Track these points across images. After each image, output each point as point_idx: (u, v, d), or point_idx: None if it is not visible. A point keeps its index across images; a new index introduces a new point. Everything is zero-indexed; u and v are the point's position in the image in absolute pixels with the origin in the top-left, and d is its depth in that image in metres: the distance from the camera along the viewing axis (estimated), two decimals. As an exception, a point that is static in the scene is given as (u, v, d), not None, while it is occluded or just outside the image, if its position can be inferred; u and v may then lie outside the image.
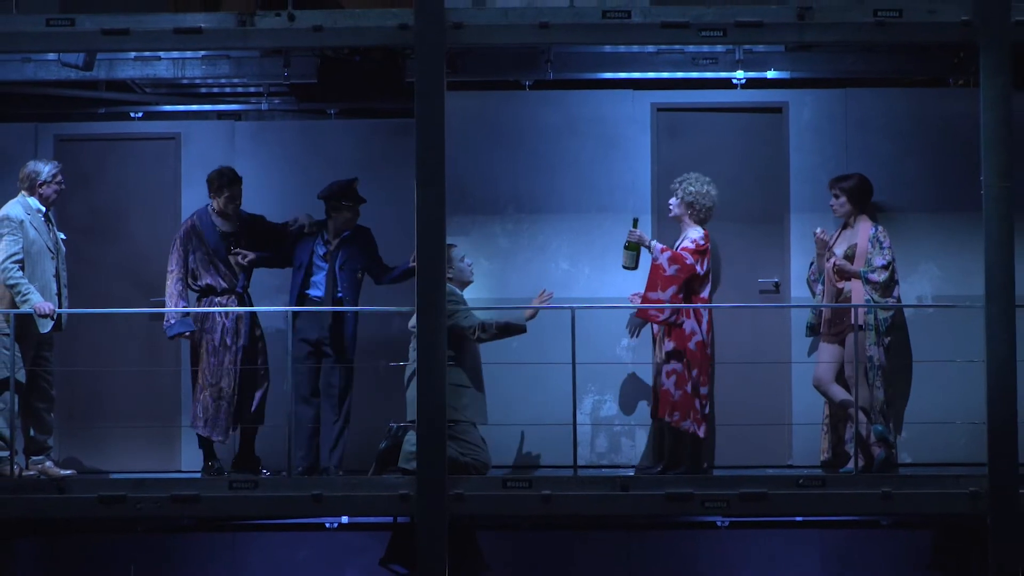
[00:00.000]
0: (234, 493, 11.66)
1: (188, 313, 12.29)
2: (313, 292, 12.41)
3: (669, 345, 12.11)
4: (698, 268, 12.09)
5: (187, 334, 12.35)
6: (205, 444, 12.43)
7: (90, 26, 11.79)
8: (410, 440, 11.90)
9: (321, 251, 12.43)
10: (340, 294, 12.36)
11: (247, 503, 11.69)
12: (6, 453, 11.77)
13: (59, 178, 12.05)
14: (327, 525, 12.55)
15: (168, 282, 12.41)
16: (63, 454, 13.04)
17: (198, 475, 12.45)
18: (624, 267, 12.30)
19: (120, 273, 13.34)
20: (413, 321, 12.07)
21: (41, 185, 12.00)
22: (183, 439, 13.14)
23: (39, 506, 11.69)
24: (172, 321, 12.33)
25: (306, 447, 12.29)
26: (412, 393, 11.98)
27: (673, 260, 12.09)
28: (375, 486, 11.71)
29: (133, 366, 13.20)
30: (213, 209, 12.44)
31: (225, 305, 12.32)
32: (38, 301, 11.72)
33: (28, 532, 12.85)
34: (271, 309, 12.49)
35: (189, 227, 12.44)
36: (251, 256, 12.42)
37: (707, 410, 12.20)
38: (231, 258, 12.41)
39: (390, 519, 12.31)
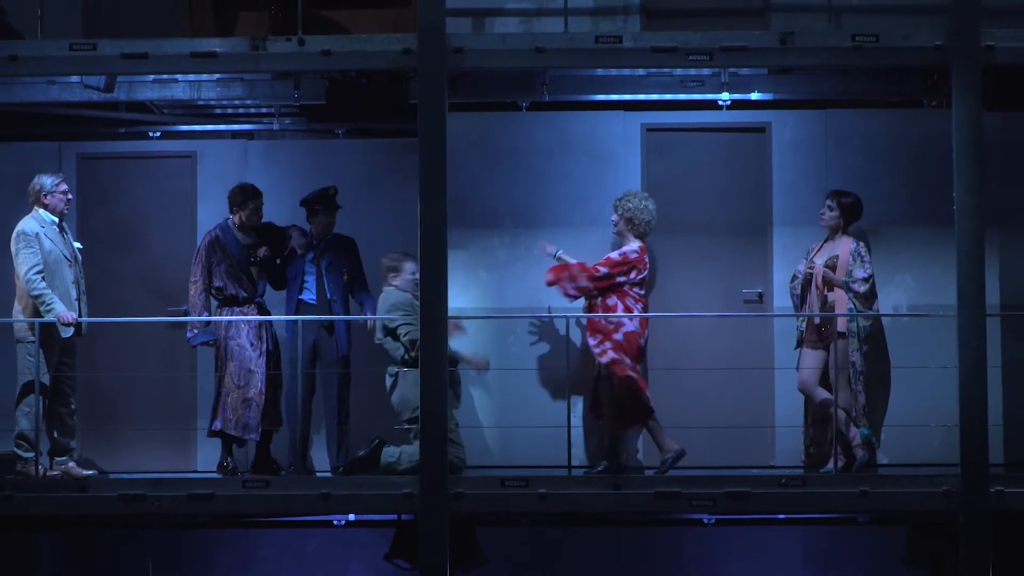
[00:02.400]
0: (247, 492, 11.72)
1: (210, 323, 12.35)
2: (306, 296, 12.51)
3: (594, 339, 12.12)
4: (604, 270, 12.11)
5: (210, 342, 12.42)
6: (226, 442, 12.47)
7: (111, 50, 11.86)
8: (388, 452, 11.95)
9: (310, 256, 12.53)
10: (329, 295, 12.44)
11: (259, 501, 11.74)
12: (31, 454, 11.82)
13: (63, 187, 12.11)
14: (335, 522, 12.56)
15: (192, 292, 12.47)
16: (85, 455, 13.08)
17: (213, 475, 12.49)
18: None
19: (139, 283, 13.37)
20: (379, 334, 12.16)
21: (46, 196, 12.06)
22: (199, 440, 13.16)
23: (62, 504, 11.74)
24: (195, 331, 12.42)
25: (300, 441, 12.35)
26: (397, 397, 12.06)
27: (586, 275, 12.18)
28: (380, 485, 11.75)
29: (151, 371, 13.23)
30: (234, 223, 12.50)
31: (246, 314, 12.38)
32: (62, 310, 11.78)
33: (52, 528, 12.87)
34: (281, 319, 12.51)
35: (212, 239, 12.48)
36: (264, 251, 12.48)
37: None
38: (252, 268, 12.49)
39: (394, 516, 12.32)
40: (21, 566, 13.09)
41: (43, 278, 11.83)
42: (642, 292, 12.22)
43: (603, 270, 12.13)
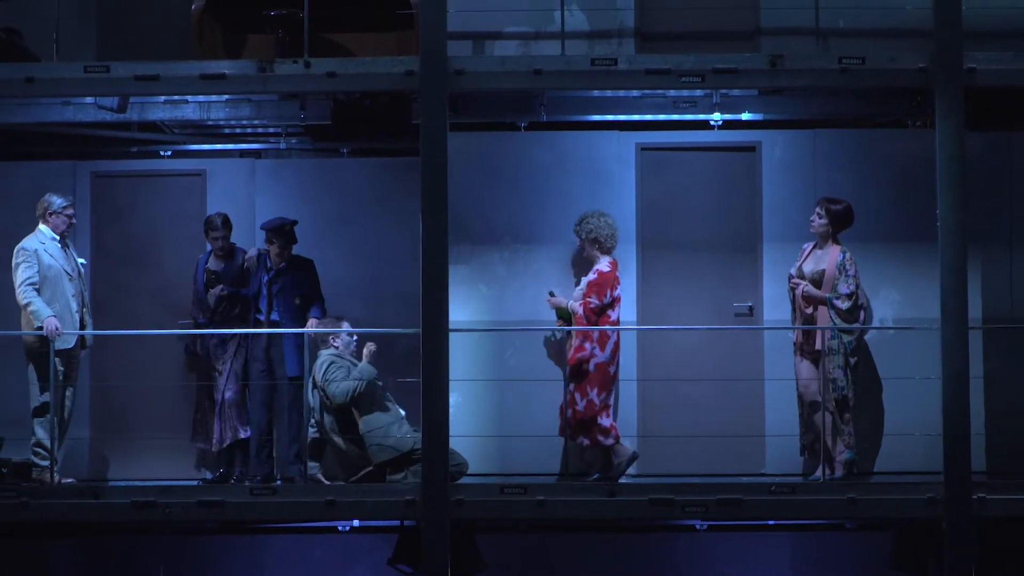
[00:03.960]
0: (255, 499, 11.76)
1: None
2: (261, 316, 12.60)
3: (567, 370, 12.22)
4: (596, 301, 12.19)
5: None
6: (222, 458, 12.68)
7: (124, 72, 11.92)
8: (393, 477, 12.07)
9: (265, 279, 12.61)
10: (275, 316, 12.52)
11: (267, 508, 11.78)
12: (47, 463, 11.88)
13: (69, 211, 12.21)
14: (340, 528, 12.58)
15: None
16: (99, 462, 13.15)
17: (221, 483, 12.55)
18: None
19: (151, 297, 13.43)
20: (326, 357, 12.26)
21: (51, 215, 12.16)
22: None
23: (76, 511, 11.78)
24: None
25: (262, 453, 12.51)
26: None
27: (584, 311, 12.25)
28: (384, 493, 11.80)
29: (163, 383, 13.28)
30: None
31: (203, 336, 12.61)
32: (46, 318, 11.84)
33: (66, 534, 12.91)
34: (268, 331, 12.52)
35: (195, 265, 12.78)
36: (221, 290, 12.63)
37: (609, 422, 12.26)
38: (209, 295, 12.64)
39: (397, 523, 12.35)
40: (37, 571, 13.13)
41: (35, 290, 11.93)
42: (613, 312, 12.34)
43: (595, 301, 12.20)
